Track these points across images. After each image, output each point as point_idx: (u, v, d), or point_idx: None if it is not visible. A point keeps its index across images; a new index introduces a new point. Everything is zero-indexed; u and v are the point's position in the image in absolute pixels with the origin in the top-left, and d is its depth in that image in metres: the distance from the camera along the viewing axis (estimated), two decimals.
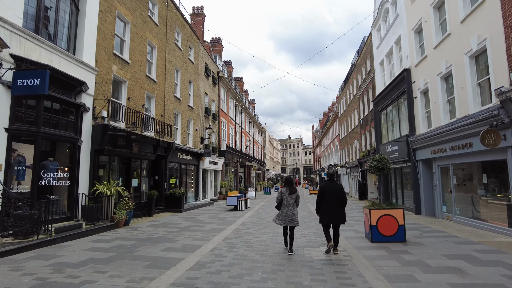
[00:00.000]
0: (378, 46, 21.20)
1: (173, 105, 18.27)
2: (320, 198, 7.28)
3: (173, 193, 16.20)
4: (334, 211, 7.07)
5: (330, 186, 7.30)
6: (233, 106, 35.24)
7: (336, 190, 7.23)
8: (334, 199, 7.12)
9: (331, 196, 7.14)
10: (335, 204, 7.11)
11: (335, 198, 7.13)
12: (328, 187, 7.27)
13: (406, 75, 15.55)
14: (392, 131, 18.94)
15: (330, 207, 7.10)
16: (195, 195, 21.72)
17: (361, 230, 10.29)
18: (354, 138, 30.52)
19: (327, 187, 7.29)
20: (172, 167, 18.49)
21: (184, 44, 20.42)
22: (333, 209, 7.08)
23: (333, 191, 7.20)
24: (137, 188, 14.25)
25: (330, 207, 7.10)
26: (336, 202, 7.12)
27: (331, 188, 7.23)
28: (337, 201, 7.13)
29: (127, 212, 11.33)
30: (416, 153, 14.60)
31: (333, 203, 7.11)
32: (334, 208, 7.08)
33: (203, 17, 30.26)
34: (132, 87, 14.02)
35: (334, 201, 7.12)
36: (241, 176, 39.14)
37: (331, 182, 7.43)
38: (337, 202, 7.13)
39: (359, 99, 28.18)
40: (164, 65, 17.44)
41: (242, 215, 15.08)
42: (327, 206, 7.14)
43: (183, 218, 13.91)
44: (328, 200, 7.14)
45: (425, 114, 14.24)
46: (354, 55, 30.99)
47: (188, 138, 20.93)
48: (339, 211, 7.11)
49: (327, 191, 7.21)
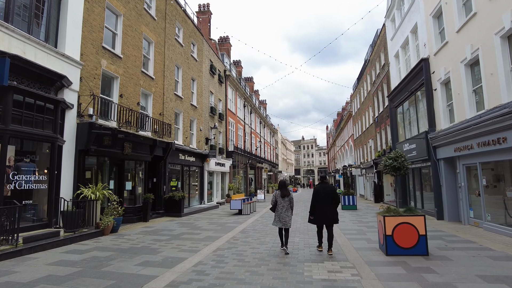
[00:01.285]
0: (392, 37, 19.71)
1: (173, 103, 17.32)
2: (315, 200, 7.51)
3: (172, 197, 15.20)
4: (327, 212, 7.32)
5: (324, 188, 7.52)
6: (241, 106, 34.19)
7: (329, 191, 7.45)
8: (327, 200, 7.36)
9: (324, 197, 7.38)
10: (329, 205, 7.35)
11: (328, 199, 7.36)
12: (321, 189, 7.50)
13: (424, 66, 14.07)
14: (410, 128, 17.42)
15: (323, 208, 7.35)
16: (200, 198, 20.70)
17: (375, 239, 8.97)
18: (369, 137, 28.93)
19: (320, 189, 7.50)
20: (173, 168, 17.53)
21: (186, 40, 19.49)
22: (326, 210, 7.32)
23: (327, 192, 7.43)
24: (131, 191, 13.31)
25: (324, 208, 7.34)
26: (329, 203, 7.35)
27: (325, 190, 7.46)
28: (330, 202, 7.36)
29: (115, 218, 10.36)
30: (437, 151, 13.10)
31: (326, 204, 7.35)
32: (327, 209, 7.33)
33: (209, 14, 29.36)
34: (125, 84, 13.11)
35: (327, 202, 7.36)
36: (251, 178, 38.00)
37: (324, 184, 7.64)
38: (330, 203, 7.36)
39: (373, 96, 26.62)
40: (163, 61, 16.52)
41: (245, 220, 13.93)
42: (320, 207, 7.39)
43: (180, 223, 12.86)
44: (321, 201, 7.39)
45: (447, 107, 12.74)
46: (367, 49, 29.48)
47: (191, 139, 19.96)
48: (332, 212, 7.33)
49: (321, 193, 7.44)
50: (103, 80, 12.06)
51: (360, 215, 15.75)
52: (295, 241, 8.90)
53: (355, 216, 15.10)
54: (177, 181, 17.48)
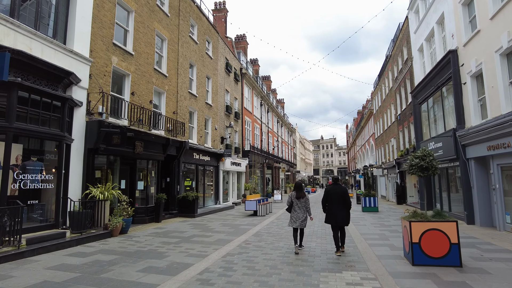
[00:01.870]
0: (416, 30, 18.63)
1: (187, 102, 17.00)
2: (325, 199, 7.72)
3: (186, 197, 14.86)
4: (337, 213, 7.46)
5: (335, 189, 7.66)
6: (258, 105, 33.67)
7: (340, 192, 7.58)
8: (338, 201, 7.50)
9: (335, 198, 7.53)
10: (339, 206, 7.50)
11: (339, 200, 7.50)
12: (332, 190, 7.66)
13: (452, 58, 13.07)
14: (435, 126, 16.36)
15: (334, 209, 7.51)
16: (215, 198, 20.33)
17: (398, 245, 8.21)
18: (391, 135, 27.74)
19: (332, 190, 7.67)
20: (187, 168, 17.21)
21: (200, 38, 19.15)
22: (336, 211, 7.48)
23: (338, 193, 7.56)
24: (144, 191, 13.03)
25: (334, 208, 7.51)
26: (340, 204, 7.50)
27: (336, 191, 7.61)
28: (341, 203, 7.50)
29: (124, 219, 10.06)
30: (467, 150, 12.11)
31: (337, 205, 7.51)
32: (338, 210, 7.47)
33: (225, 12, 29.02)
34: (137, 81, 12.85)
35: (338, 203, 7.50)
36: (268, 178, 37.41)
37: (336, 186, 7.77)
38: (341, 203, 7.50)
39: (395, 93, 25.45)
40: (177, 59, 16.22)
41: (260, 222, 13.38)
42: (331, 207, 7.56)
43: (193, 225, 12.46)
44: (333, 202, 7.55)
45: (478, 102, 11.72)
46: (389, 45, 28.26)
47: (206, 138, 19.60)
48: (343, 213, 7.47)
49: (332, 194, 7.61)
50: (114, 77, 11.83)
51: (382, 217, 14.88)
52: (311, 246, 8.28)
53: (377, 219, 14.25)
54: (192, 181, 17.15)
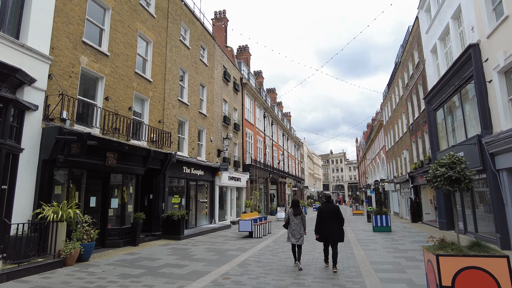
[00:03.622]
0: (428, 29, 16.99)
1: (176, 110, 15.52)
2: (320, 219, 7.76)
3: (171, 216, 13.13)
4: (331, 230, 7.56)
5: (328, 207, 7.81)
6: (261, 117, 32.12)
7: (333, 211, 7.71)
8: (331, 219, 7.61)
9: (328, 216, 7.63)
10: (333, 224, 7.61)
11: (332, 218, 7.61)
12: (326, 208, 7.79)
13: (473, 53, 11.32)
14: (454, 134, 14.45)
15: (328, 227, 7.60)
16: (210, 217, 18.52)
17: (419, 280, 6.31)
18: (403, 147, 25.72)
19: (325, 208, 7.80)
20: (176, 183, 15.57)
21: (193, 43, 17.86)
22: (330, 228, 7.58)
23: (330, 212, 7.69)
24: (120, 210, 11.37)
25: (328, 226, 7.60)
26: (333, 222, 7.59)
27: (329, 209, 7.75)
28: (335, 220, 7.61)
29: (83, 244, 8.38)
30: (496, 159, 10.19)
31: (330, 223, 7.61)
32: (332, 227, 7.57)
33: (226, 21, 27.96)
34: (112, 85, 11.42)
35: (331, 221, 7.60)
36: (273, 194, 35.44)
37: (329, 204, 7.92)
38: (335, 221, 7.60)
39: (406, 101, 23.62)
40: (164, 63, 14.85)
41: (253, 246, 11.53)
42: (325, 226, 7.64)
43: (173, 250, 10.69)
44: (326, 220, 7.66)
45: (509, 102, 9.88)
46: (398, 51, 26.62)
47: (200, 150, 18.02)
48: (336, 230, 7.57)
49: (325, 212, 7.73)
50: (83, 79, 10.42)
51: (395, 239, 12.86)
52: (305, 284, 6.43)
53: (390, 241, 12.25)
54: (181, 198, 15.45)
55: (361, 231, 16.43)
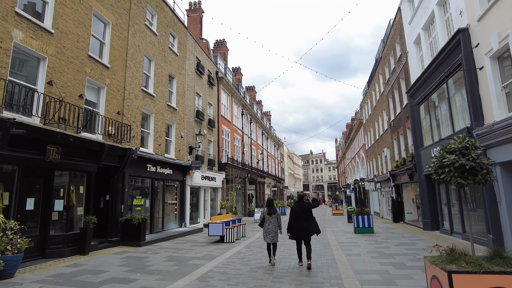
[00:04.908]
0: (410, 20, 16.19)
1: (140, 101, 13.94)
2: (292, 217, 7.87)
3: (130, 220, 11.57)
4: (304, 228, 7.71)
5: (300, 206, 7.93)
6: (239, 114, 30.77)
7: (305, 209, 7.89)
8: (304, 217, 7.79)
9: (301, 214, 7.80)
10: (305, 221, 7.78)
11: (304, 216, 7.80)
12: (298, 207, 7.92)
13: (461, 39, 10.44)
14: (439, 128, 13.64)
15: (300, 224, 7.73)
16: (179, 220, 16.98)
17: None
18: (384, 145, 25.04)
19: (297, 207, 7.93)
20: (139, 183, 13.99)
21: (162, 30, 16.31)
22: (303, 226, 7.72)
23: (303, 210, 7.86)
24: (65, 213, 9.73)
25: (301, 224, 7.73)
26: (305, 219, 7.78)
27: (301, 208, 7.89)
28: (306, 218, 7.80)
29: (5, 257, 6.76)
30: (489, 152, 9.28)
31: (303, 220, 7.77)
32: (304, 225, 7.73)
33: (201, 12, 26.45)
34: (58, 68, 9.78)
35: (304, 218, 7.78)
36: (251, 194, 34.13)
37: (301, 203, 8.03)
38: (307, 219, 7.80)
39: (387, 97, 22.92)
40: (126, 49, 13.26)
41: (223, 252, 10.16)
42: (298, 223, 7.75)
43: (127, 259, 9.17)
44: (298, 218, 7.79)
45: (502, 90, 8.99)
46: (379, 46, 25.96)
47: (168, 147, 16.48)
48: (308, 227, 7.72)
49: (297, 211, 7.86)
50: (18, 58, 8.77)
51: (379, 242, 11.83)
52: None
53: (374, 244, 11.20)
54: (145, 199, 13.88)
55: (342, 232, 15.38)
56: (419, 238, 12.50)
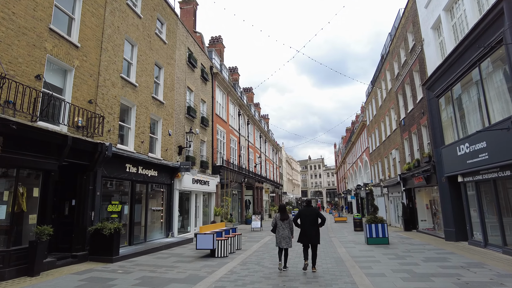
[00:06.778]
0: (427, 3, 14.39)
1: (118, 90, 11.96)
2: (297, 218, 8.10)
3: (100, 230, 9.50)
4: (311, 232, 7.83)
5: (308, 210, 8.12)
6: (236, 114, 28.83)
7: (313, 213, 8.05)
8: (311, 222, 7.93)
9: (309, 218, 7.96)
10: (312, 226, 7.89)
11: (312, 221, 7.94)
12: (305, 211, 8.11)
13: (505, 7, 8.57)
14: (467, 122, 11.73)
15: (308, 229, 7.87)
16: (166, 229, 14.87)
17: None
18: (392, 147, 23.10)
19: (305, 211, 8.13)
20: (116, 186, 11.94)
21: (147, 13, 14.41)
22: (310, 231, 7.84)
23: (311, 214, 8.02)
24: (10, 221, 7.65)
25: (308, 229, 7.87)
26: (313, 224, 7.91)
27: (309, 212, 8.06)
28: (314, 223, 7.94)
29: None
30: None
31: (310, 225, 7.89)
32: (311, 230, 7.85)
33: (194, 5, 24.64)
34: (5, 40, 7.80)
35: (311, 223, 7.91)
36: (248, 200, 32.04)
37: (309, 207, 8.23)
38: (314, 224, 7.93)
39: (396, 94, 21.06)
40: (101, 28, 11.31)
41: (211, 272, 8.10)
42: (305, 228, 7.91)
43: (87, 282, 7.08)
44: (306, 222, 7.93)
45: None
46: (385, 41, 24.19)
47: (153, 145, 14.46)
48: (315, 232, 7.86)
49: (305, 215, 8.03)
50: None
51: (401, 256, 9.82)
52: None
53: (395, 259, 9.18)
54: (122, 205, 11.80)
55: (351, 243, 13.35)
56: (448, 252, 10.49)
